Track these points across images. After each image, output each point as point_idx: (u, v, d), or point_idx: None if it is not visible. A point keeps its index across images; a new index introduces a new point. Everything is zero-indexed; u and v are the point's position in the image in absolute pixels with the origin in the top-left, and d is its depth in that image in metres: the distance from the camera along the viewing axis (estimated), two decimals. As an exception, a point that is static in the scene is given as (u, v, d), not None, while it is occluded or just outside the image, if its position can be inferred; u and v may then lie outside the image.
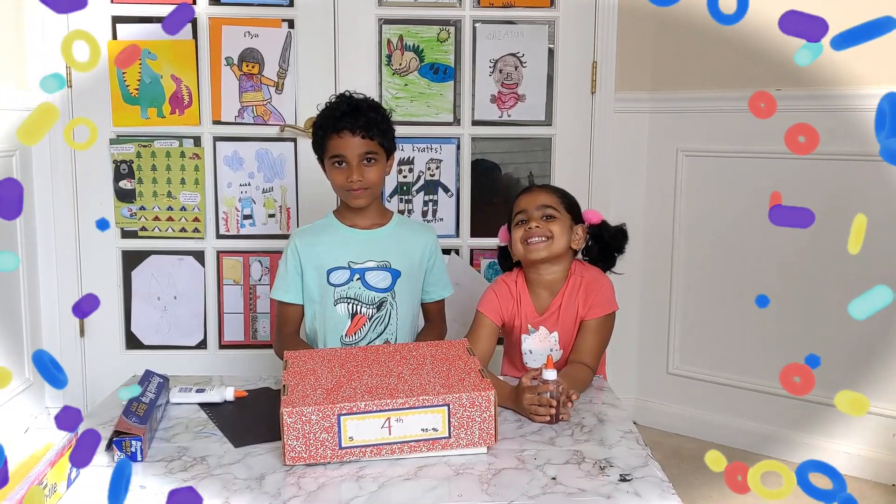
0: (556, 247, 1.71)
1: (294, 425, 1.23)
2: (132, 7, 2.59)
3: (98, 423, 1.44)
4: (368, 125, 1.79)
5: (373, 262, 1.87)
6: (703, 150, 2.62)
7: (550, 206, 1.74)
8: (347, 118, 1.78)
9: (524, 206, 1.75)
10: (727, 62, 2.50)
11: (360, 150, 1.79)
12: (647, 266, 2.77)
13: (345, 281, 1.86)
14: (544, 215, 1.72)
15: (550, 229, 1.70)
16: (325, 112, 1.85)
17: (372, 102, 1.86)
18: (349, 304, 1.87)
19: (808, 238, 2.45)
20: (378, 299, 1.87)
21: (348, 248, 1.87)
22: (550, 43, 2.69)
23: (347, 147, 1.79)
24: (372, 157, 1.81)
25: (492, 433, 1.29)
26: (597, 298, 1.73)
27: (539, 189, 1.81)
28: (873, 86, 2.23)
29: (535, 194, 1.78)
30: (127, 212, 2.68)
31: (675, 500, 1.17)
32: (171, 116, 2.64)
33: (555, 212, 1.73)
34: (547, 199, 1.75)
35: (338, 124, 1.79)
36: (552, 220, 1.72)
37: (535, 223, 1.71)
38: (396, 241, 1.90)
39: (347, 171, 1.80)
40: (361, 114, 1.80)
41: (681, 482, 2.29)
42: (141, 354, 2.74)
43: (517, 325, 1.76)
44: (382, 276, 1.87)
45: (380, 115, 1.84)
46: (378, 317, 1.88)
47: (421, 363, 1.40)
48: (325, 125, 1.82)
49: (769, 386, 2.55)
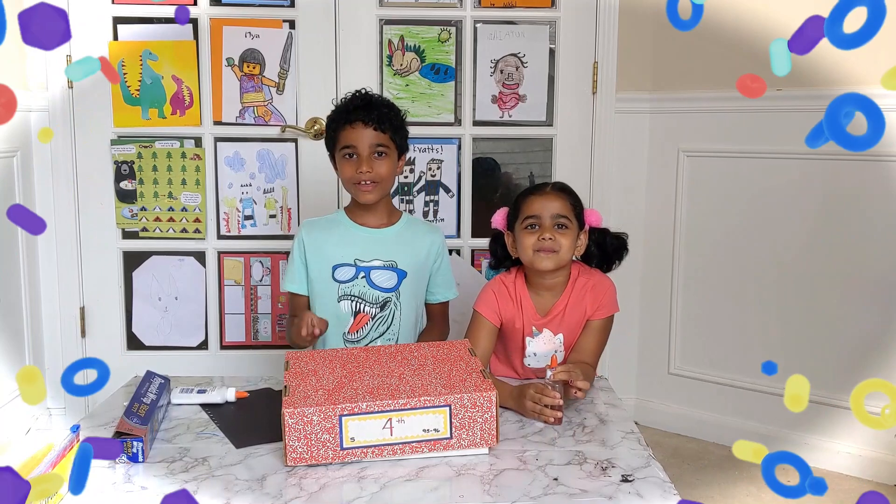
0: (563, 259, 1.70)
1: (295, 426, 1.23)
2: (133, 7, 2.59)
3: (99, 423, 1.44)
4: (381, 118, 1.80)
5: (379, 261, 1.87)
6: (704, 150, 2.62)
7: (564, 215, 1.70)
8: (361, 111, 1.80)
9: (537, 210, 1.70)
10: (728, 62, 2.50)
11: (372, 142, 1.80)
12: (648, 266, 2.76)
13: (350, 278, 1.86)
14: (557, 224, 1.69)
15: (561, 242, 1.68)
16: (338, 107, 1.87)
17: (386, 100, 1.88)
18: (353, 302, 1.87)
19: (808, 238, 2.45)
20: (382, 299, 1.87)
21: (355, 246, 1.87)
22: (551, 43, 2.69)
23: (359, 138, 1.80)
24: (383, 151, 1.82)
25: (493, 434, 1.29)
26: (603, 300, 1.73)
27: (553, 194, 1.74)
28: (873, 86, 2.22)
29: (549, 199, 1.72)
30: (128, 212, 2.68)
31: (677, 500, 1.17)
32: (172, 117, 2.64)
33: (567, 221, 1.70)
34: (561, 208, 1.71)
35: (350, 116, 1.81)
36: (564, 231, 1.69)
37: (549, 234, 1.67)
38: (404, 242, 1.90)
39: (357, 163, 1.80)
40: (374, 107, 1.82)
41: (682, 482, 2.29)
42: (142, 355, 2.74)
43: (517, 327, 1.75)
44: (388, 275, 1.87)
45: (393, 111, 1.86)
46: (381, 316, 1.88)
47: (422, 364, 1.40)
48: (337, 118, 1.84)
49: (770, 386, 2.54)
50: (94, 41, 2.58)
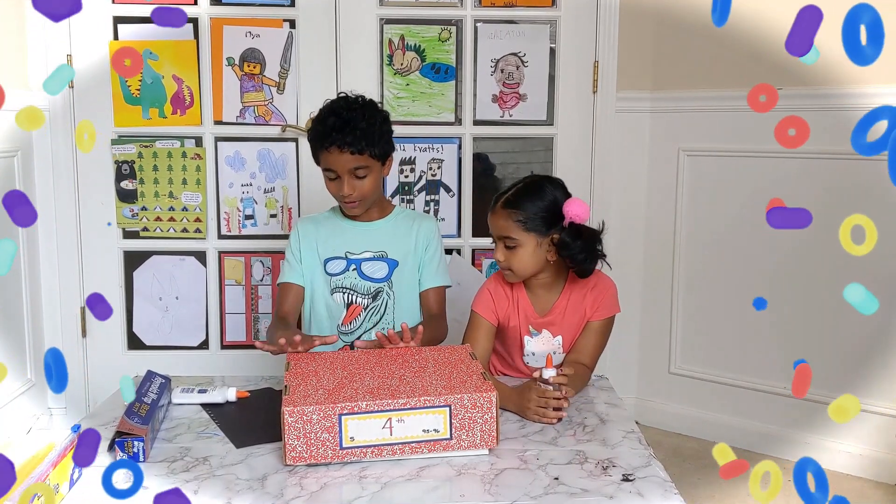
0: (522, 273, 1.68)
1: (295, 425, 1.23)
2: (133, 7, 2.59)
3: (100, 423, 1.44)
4: (356, 140, 1.74)
5: (369, 252, 1.88)
6: (705, 149, 2.62)
7: (507, 236, 1.66)
8: (336, 133, 1.74)
9: (491, 229, 1.71)
10: (728, 62, 2.50)
11: (350, 166, 1.76)
12: (649, 266, 2.76)
13: (341, 271, 1.88)
14: (505, 245, 1.67)
15: (511, 262, 1.66)
16: (316, 123, 1.81)
17: (364, 109, 1.79)
18: (345, 294, 1.89)
19: (808, 238, 2.44)
20: (374, 289, 1.88)
21: (345, 239, 1.89)
22: (552, 42, 2.69)
23: (337, 163, 1.77)
24: (363, 173, 1.78)
25: (493, 435, 1.29)
26: (604, 301, 1.72)
27: (499, 213, 1.68)
28: (873, 85, 2.23)
29: (494, 218, 1.69)
30: (129, 212, 2.68)
31: (678, 499, 1.17)
32: (173, 117, 2.64)
33: (512, 241, 1.65)
34: (504, 227, 1.66)
35: (325, 141, 1.76)
36: (512, 251, 1.66)
37: (499, 254, 1.67)
38: (395, 232, 1.90)
39: (339, 185, 1.79)
40: (350, 129, 1.74)
41: (683, 482, 2.29)
42: (143, 355, 2.74)
43: (515, 326, 1.75)
44: (379, 266, 1.88)
45: (372, 123, 1.77)
46: (374, 307, 1.89)
47: (423, 367, 1.40)
48: (315, 138, 1.81)
49: (770, 385, 2.55)
50: (95, 41, 2.58)
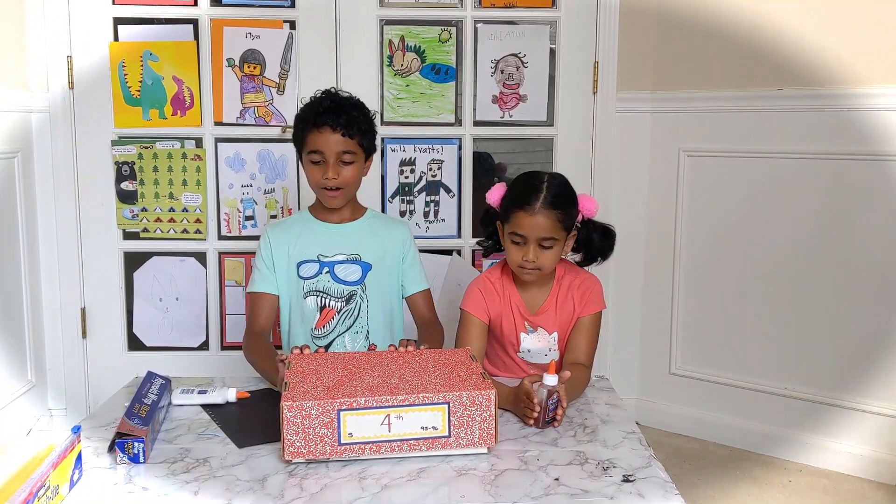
0: (546, 272, 1.70)
1: (294, 419, 1.23)
2: (133, 8, 2.60)
3: (100, 424, 1.44)
4: (349, 123, 1.78)
5: (342, 255, 1.87)
6: (705, 149, 2.62)
7: (550, 236, 1.65)
8: (329, 114, 1.77)
9: (525, 230, 1.65)
10: (728, 62, 2.50)
11: (339, 148, 1.78)
12: (649, 266, 2.76)
13: (314, 274, 1.86)
14: (542, 245, 1.66)
15: (543, 263, 1.66)
16: (307, 106, 1.84)
17: (356, 101, 1.84)
18: (318, 297, 1.87)
19: (808, 238, 2.45)
20: (347, 292, 1.86)
21: (317, 242, 1.87)
22: (552, 43, 2.69)
23: (326, 143, 1.78)
24: (350, 158, 1.80)
25: (492, 433, 1.29)
26: (591, 297, 1.74)
27: (543, 212, 1.64)
28: (873, 85, 2.23)
29: (537, 219, 1.65)
30: (129, 213, 2.68)
31: (679, 500, 1.17)
32: (173, 118, 2.65)
33: (553, 241, 1.66)
34: (548, 228, 1.64)
35: (319, 119, 1.78)
36: (548, 250, 1.66)
37: (532, 255, 1.65)
38: (368, 235, 1.89)
39: (324, 169, 1.79)
40: (343, 111, 1.78)
41: (683, 482, 2.29)
42: (143, 356, 2.74)
43: (506, 324, 1.76)
44: (352, 269, 1.87)
45: (362, 114, 1.82)
46: (347, 310, 1.87)
47: (423, 367, 1.40)
48: (306, 118, 1.81)
49: (771, 386, 2.55)
50: (95, 41, 2.59)
